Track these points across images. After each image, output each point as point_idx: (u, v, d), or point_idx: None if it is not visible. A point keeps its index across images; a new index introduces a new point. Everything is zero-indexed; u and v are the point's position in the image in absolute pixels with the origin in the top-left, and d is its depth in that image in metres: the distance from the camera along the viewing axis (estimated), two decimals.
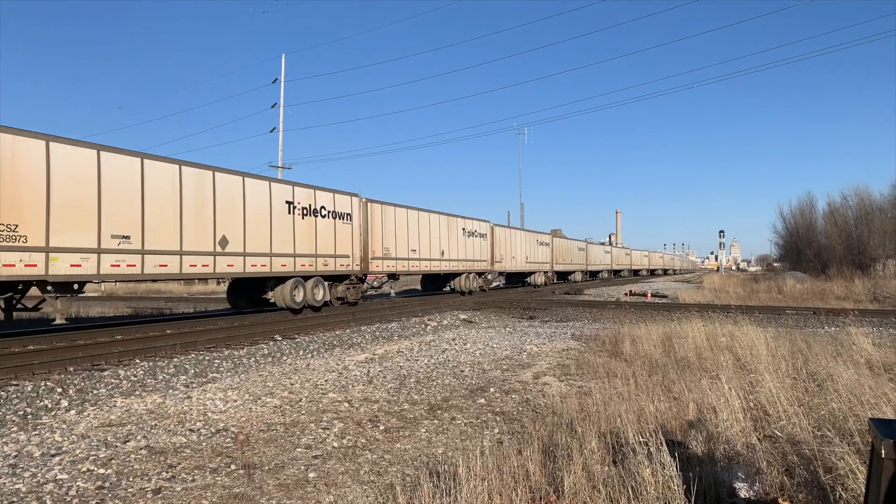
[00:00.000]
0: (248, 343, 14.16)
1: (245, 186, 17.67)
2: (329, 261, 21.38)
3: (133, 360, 11.68)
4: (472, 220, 34.88)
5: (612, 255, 71.74)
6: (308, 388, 9.37)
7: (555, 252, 47.06)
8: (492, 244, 38.07)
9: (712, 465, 4.82)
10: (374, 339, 15.64)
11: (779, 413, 6.24)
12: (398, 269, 26.60)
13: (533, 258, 41.98)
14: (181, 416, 7.65)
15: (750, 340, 10.68)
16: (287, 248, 19.27)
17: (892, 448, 2.74)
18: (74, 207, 12.95)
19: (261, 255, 18.06)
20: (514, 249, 41.51)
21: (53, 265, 12.41)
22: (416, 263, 27.91)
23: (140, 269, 14.45)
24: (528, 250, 41.02)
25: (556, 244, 47.96)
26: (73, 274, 12.92)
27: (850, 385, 7.44)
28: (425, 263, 28.96)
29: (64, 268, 12.63)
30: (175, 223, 15.29)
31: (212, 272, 16.69)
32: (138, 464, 5.78)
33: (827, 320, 18.30)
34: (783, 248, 72.77)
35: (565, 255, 51.02)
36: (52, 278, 12.40)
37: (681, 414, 6.43)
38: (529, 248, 41.24)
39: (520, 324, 19.72)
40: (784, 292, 33.64)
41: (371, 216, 24.13)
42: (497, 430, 7.03)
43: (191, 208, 15.74)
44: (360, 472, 5.61)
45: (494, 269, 39.26)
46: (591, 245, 62.10)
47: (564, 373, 10.54)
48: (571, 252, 53.35)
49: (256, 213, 18.00)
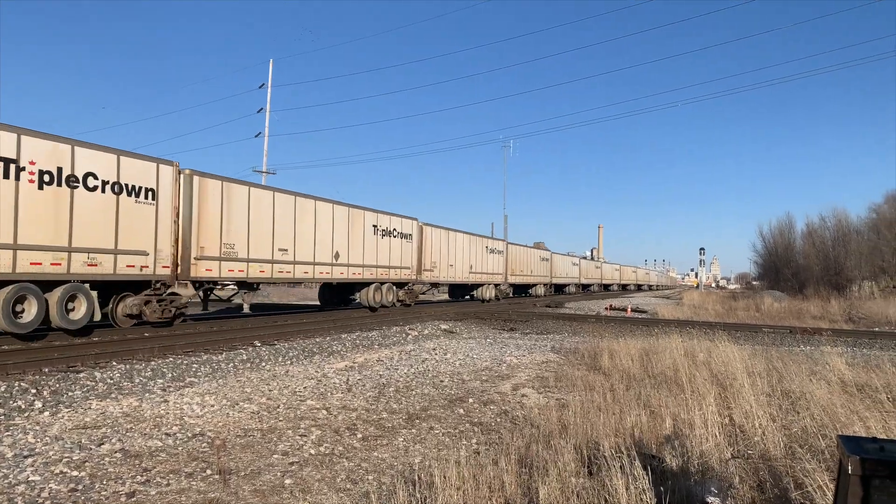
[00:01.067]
0: (227, 348, 14.08)
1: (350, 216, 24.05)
2: (397, 271, 27.27)
3: (110, 363, 11.57)
4: (493, 240, 37.22)
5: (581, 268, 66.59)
6: (286, 394, 9.33)
7: (510, 261, 41.18)
8: (507, 260, 39.90)
9: (686, 479, 4.89)
10: (355, 347, 15.61)
11: (753, 429, 6.33)
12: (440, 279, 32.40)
13: (480, 268, 35.79)
14: (157, 419, 7.59)
15: (727, 357, 10.80)
16: (371, 261, 25.37)
17: (858, 464, 2.81)
18: (260, 233, 19.24)
19: (357, 265, 24.35)
20: (453, 256, 33.72)
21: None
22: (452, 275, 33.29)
23: (293, 274, 20.85)
24: (472, 258, 34.60)
25: (512, 252, 42.21)
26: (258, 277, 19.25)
27: (823, 403, 7.57)
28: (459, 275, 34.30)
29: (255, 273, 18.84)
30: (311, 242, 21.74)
31: (330, 277, 23.00)
32: (112, 467, 5.73)
33: (802, 339, 18.56)
34: (762, 267, 73.72)
35: (523, 265, 44.93)
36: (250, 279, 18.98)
37: (657, 428, 6.50)
38: (475, 255, 35.07)
39: (500, 335, 19.77)
40: (762, 311, 34.04)
41: (424, 236, 29.90)
42: (475, 440, 7.06)
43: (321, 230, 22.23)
44: (336, 480, 5.60)
45: (508, 282, 40.39)
46: (555, 255, 56.13)
47: (543, 385, 10.60)
48: (531, 262, 47.32)
49: (355, 234, 24.27)
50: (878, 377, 9.51)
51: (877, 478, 2.74)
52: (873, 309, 31.48)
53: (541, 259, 50.45)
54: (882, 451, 2.83)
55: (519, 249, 45.71)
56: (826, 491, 4.11)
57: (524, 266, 45.99)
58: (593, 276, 73.60)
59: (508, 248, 42.07)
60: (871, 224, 51.26)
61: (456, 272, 33.47)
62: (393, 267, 27.03)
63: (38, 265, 12.95)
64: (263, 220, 19.36)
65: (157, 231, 15.75)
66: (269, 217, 19.65)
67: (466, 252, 34.42)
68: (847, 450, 2.90)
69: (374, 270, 25.56)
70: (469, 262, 35.04)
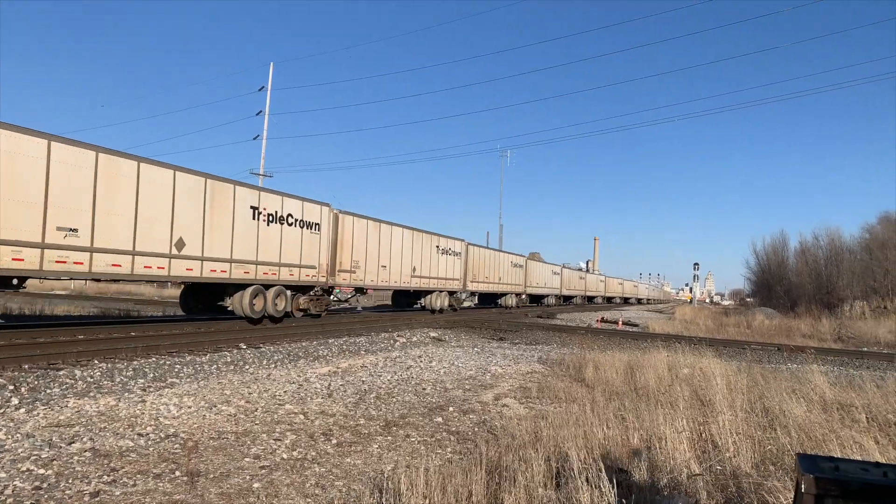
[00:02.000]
0: (212, 350, 14.02)
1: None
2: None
3: (91, 361, 11.51)
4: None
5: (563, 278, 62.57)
6: (266, 398, 9.28)
7: (471, 265, 38.58)
8: (465, 263, 36.89)
9: (654, 493, 4.86)
10: (341, 352, 15.56)
11: (727, 445, 6.31)
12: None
13: (428, 271, 32.30)
14: (132, 419, 7.53)
15: (711, 373, 10.79)
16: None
17: (811, 483, 2.79)
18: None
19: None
20: (488, 270, 40.34)
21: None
22: (385, 278, 27.07)
23: None
24: (417, 258, 30.82)
25: (474, 254, 39.35)
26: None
27: (800, 422, 7.57)
28: (395, 279, 28.05)
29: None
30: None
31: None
32: (80, 466, 5.68)
33: (789, 357, 18.56)
34: (755, 284, 73.90)
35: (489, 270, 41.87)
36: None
37: (631, 442, 6.47)
38: (421, 255, 31.42)
39: (489, 344, 19.74)
40: (752, 327, 34.08)
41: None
42: (449, 449, 7.03)
43: None
44: (305, 485, 5.56)
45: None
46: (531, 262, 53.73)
47: (525, 395, 10.57)
48: (500, 268, 44.19)
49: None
50: (859, 397, 9.52)
51: (829, 497, 2.73)
52: (863, 329, 31.57)
53: (512, 265, 46.43)
54: (836, 471, 2.82)
55: (483, 252, 40.81)
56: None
57: (490, 271, 41.61)
58: (576, 288, 67.88)
59: (469, 249, 37.46)
60: (863, 244, 51.47)
61: (391, 275, 27.88)
62: (448, 278, 24.39)
63: (265, 275, 19.52)
64: (371, 244, 25.87)
65: (320, 252, 22.42)
66: (376, 241, 26.29)
67: (408, 251, 29.37)
68: (802, 468, 2.88)
69: (437, 281, 23.63)
70: (412, 264, 29.78)
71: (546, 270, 58.56)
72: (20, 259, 12.57)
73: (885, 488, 2.66)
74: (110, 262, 14.53)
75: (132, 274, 15.28)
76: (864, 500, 2.67)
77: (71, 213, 13.58)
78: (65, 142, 13.62)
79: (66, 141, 13.69)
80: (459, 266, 35.48)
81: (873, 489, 2.67)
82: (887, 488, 2.66)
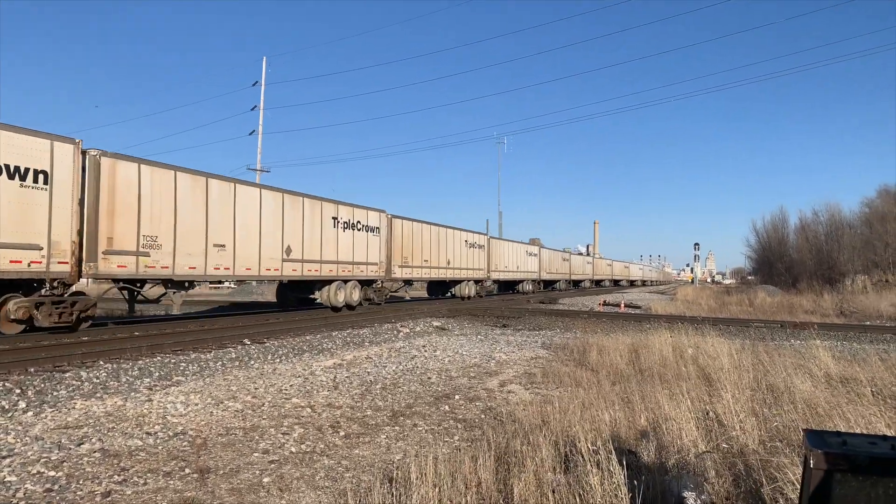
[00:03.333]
0: (216, 347, 14.05)
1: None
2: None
3: (97, 362, 11.53)
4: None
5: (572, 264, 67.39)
6: (272, 392, 9.31)
7: (493, 256, 42.73)
8: (488, 254, 40.71)
9: (663, 474, 4.88)
10: (345, 344, 15.60)
11: (733, 424, 6.33)
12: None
13: (459, 263, 36.72)
14: (140, 418, 7.56)
15: (715, 352, 10.83)
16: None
17: (821, 458, 2.81)
18: None
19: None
20: (507, 259, 44.25)
21: None
22: (427, 271, 32.02)
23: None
24: (450, 252, 35.34)
25: (495, 247, 43.61)
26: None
27: (805, 397, 7.59)
28: (434, 272, 32.69)
29: None
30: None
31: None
32: (90, 467, 5.70)
33: (792, 334, 18.60)
34: (756, 262, 73.88)
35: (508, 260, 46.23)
36: None
37: (637, 423, 6.50)
38: (453, 249, 35.78)
39: (492, 332, 19.77)
40: (755, 305, 34.12)
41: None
42: (457, 437, 7.05)
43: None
44: (315, 478, 5.59)
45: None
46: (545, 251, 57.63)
47: (530, 381, 10.60)
48: (517, 258, 48.58)
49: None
50: (864, 371, 9.54)
51: (838, 472, 2.74)
52: (865, 303, 31.60)
53: (528, 254, 50.64)
54: (844, 446, 2.84)
55: (503, 244, 45.33)
56: (797, 485, 4.10)
57: (509, 261, 45.63)
58: (585, 273, 72.82)
59: (491, 242, 42.01)
60: (863, 218, 51.42)
61: (431, 268, 32.38)
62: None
63: (344, 272, 24.55)
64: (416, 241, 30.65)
65: (380, 251, 27.34)
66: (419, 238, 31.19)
67: (443, 246, 33.55)
68: (810, 444, 2.90)
69: (466, 272, 28.06)
70: (446, 257, 34.16)
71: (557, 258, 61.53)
72: (193, 267, 17.46)
73: (893, 461, 2.68)
74: (245, 267, 19.43)
75: (259, 275, 20.42)
76: (873, 474, 2.69)
77: (220, 234, 18.38)
78: (217, 178, 18.62)
79: (217, 177, 18.67)
80: (483, 257, 39.87)
81: (882, 462, 2.68)
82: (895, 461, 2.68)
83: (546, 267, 55.23)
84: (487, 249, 40.89)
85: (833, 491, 2.75)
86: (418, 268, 30.86)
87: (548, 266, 55.98)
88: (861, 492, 2.67)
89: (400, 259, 28.93)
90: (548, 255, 57.28)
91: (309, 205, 22.62)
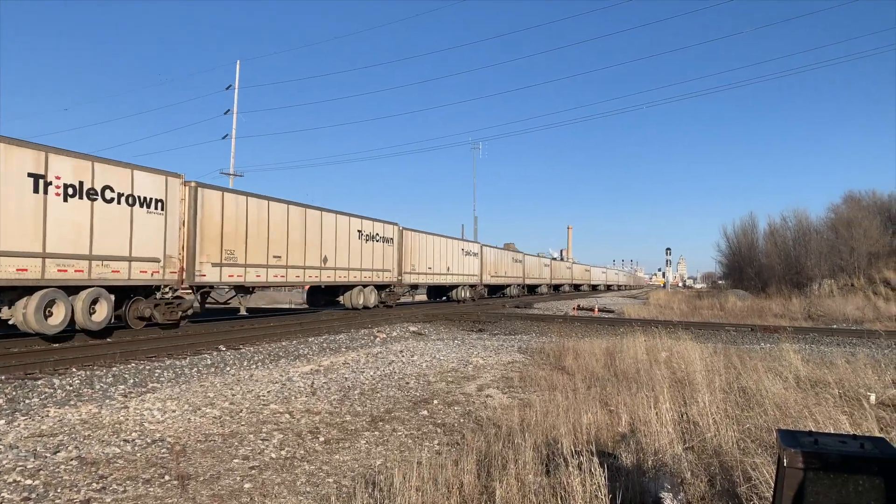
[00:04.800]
0: (192, 353, 13.91)
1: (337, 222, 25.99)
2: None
3: (69, 369, 11.35)
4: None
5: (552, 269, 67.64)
6: (249, 398, 9.27)
7: (485, 263, 43.29)
8: (481, 261, 42.08)
9: (640, 476, 4.99)
10: (322, 350, 15.54)
11: (707, 426, 6.47)
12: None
13: (456, 269, 37.68)
14: (116, 426, 7.49)
15: (688, 355, 11.02)
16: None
17: (793, 457, 2.92)
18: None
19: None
20: (431, 258, 35.59)
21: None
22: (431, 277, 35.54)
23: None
24: (449, 260, 36.48)
25: (487, 254, 44.31)
26: None
27: (776, 399, 7.79)
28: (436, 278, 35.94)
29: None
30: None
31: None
32: (68, 475, 5.64)
33: (763, 337, 18.97)
34: (727, 267, 74.88)
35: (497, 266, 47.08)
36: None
37: (615, 426, 6.61)
38: (452, 257, 36.79)
39: (469, 336, 19.84)
40: (726, 309, 34.67)
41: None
42: (437, 441, 7.10)
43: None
44: (296, 484, 5.60)
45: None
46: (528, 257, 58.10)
47: (508, 385, 10.69)
48: (505, 264, 49.48)
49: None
50: (831, 373, 9.80)
51: (811, 470, 2.87)
52: (832, 307, 32.29)
53: (513, 260, 52.46)
54: (816, 444, 2.96)
55: (493, 251, 47.81)
56: (771, 483, 4.23)
57: (498, 267, 48.18)
58: (564, 277, 75.11)
59: (483, 250, 44.05)
60: (829, 223, 52.48)
61: (434, 274, 35.37)
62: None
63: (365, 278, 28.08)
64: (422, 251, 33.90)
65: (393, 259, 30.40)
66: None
67: (443, 254, 36.35)
68: (784, 443, 3.02)
69: (358, 273, 28.35)
70: (446, 264, 36.89)
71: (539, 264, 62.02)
72: (259, 276, 20.86)
73: (862, 459, 2.81)
74: (295, 275, 22.93)
75: (304, 281, 24.18)
76: (843, 472, 2.82)
77: (277, 246, 21.78)
78: (277, 200, 22.11)
79: (277, 200, 22.14)
80: (477, 264, 42.38)
81: (852, 460, 2.81)
82: (865, 459, 2.81)
83: (529, 272, 57.27)
84: (480, 257, 42.78)
85: (806, 488, 2.87)
86: (423, 274, 33.96)
87: (531, 271, 58.09)
88: (832, 489, 2.80)
89: (409, 266, 32.02)
90: (531, 261, 59.12)
91: (342, 221, 26.42)
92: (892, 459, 2.70)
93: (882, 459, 2.71)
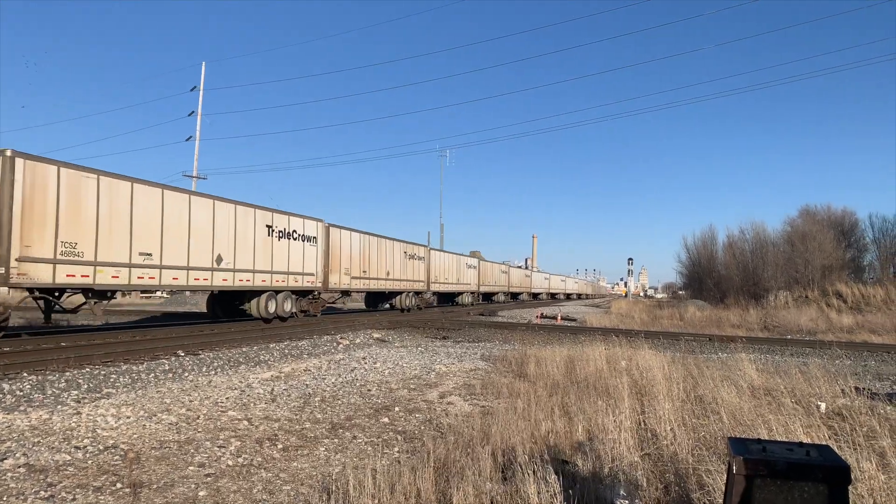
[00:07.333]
0: (149, 358, 13.63)
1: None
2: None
3: (20, 374, 11.03)
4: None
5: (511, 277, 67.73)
6: (207, 405, 9.11)
7: (433, 268, 42.84)
8: (428, 266, 40.92)
9: (597, 483, 5.04)
10: (283, 356, 15.37)
11: (664, 433, 6.57)
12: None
13: (399, 274, 36.57)
14: (68, 432, 7.29)
15: (647, 364, 11.18)
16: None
17: (742, 464, 2.99)
18: None
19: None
20: (447, 272, 44.94)
21: None
22: (366, 282, 31.48)
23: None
24: (389, 264, 35.16)
25: (435, 259, 43.78)
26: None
27: (732, 407, 7.93)
28: (373, 283, 32.37)
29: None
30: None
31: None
32: (14, 482, 5.47)
33: (720, 347, 19.33)
34: (687, 277, 76.31)
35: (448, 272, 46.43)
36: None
37: (574, 433, 6.66)
38: (393, 260, 35.63)
39: (432, 343, 19.82)
40: (685, 319, 35.30)
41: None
42: (397, 448, 7.07)
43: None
44: (252, 491, 5.52)
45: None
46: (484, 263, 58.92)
47: (470, 392, 10.70)
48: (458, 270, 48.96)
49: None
50: (784, 382, 10.03)
51: (758, 477, 2.93)
52: (787, 318, 33.12)
53: (468, 266, 51.06)
54: (764, 452, 3.03)
55: (443, 256, 45.45)
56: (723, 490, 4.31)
57: (449, 273, 45.80)
58: (523, 285, 73.77)
59: (431, 254, 42.22)
60: (786, 236, 53.91)
61: (370, 279, 31.82)
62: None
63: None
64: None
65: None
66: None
67: (382, 257, 33.32)
68: (734, 451, 3.08)
69: (406, 283, 28.28)
70: (386, 269, 33.77)
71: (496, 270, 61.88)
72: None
73: (807, 466, 2.88)
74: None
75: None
76: (790, 479, 2.89)
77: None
78: (358, 232, 29.62)
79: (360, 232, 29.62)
80: (424, 269, 40.09)
81: (797, 468, 2.88)
82: (810, 466, 2.88)
83: (485, 279, 55.83)
84: (427, 261, 40.65)
85: (754, 495, 2.93)
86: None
87: (486, 278, 56.68)
88: (779, 495, 2.86)
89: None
90: (487, 267, 58.15)
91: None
92: (835, 467, 2.77)
93: (826, 466, 2.78)
